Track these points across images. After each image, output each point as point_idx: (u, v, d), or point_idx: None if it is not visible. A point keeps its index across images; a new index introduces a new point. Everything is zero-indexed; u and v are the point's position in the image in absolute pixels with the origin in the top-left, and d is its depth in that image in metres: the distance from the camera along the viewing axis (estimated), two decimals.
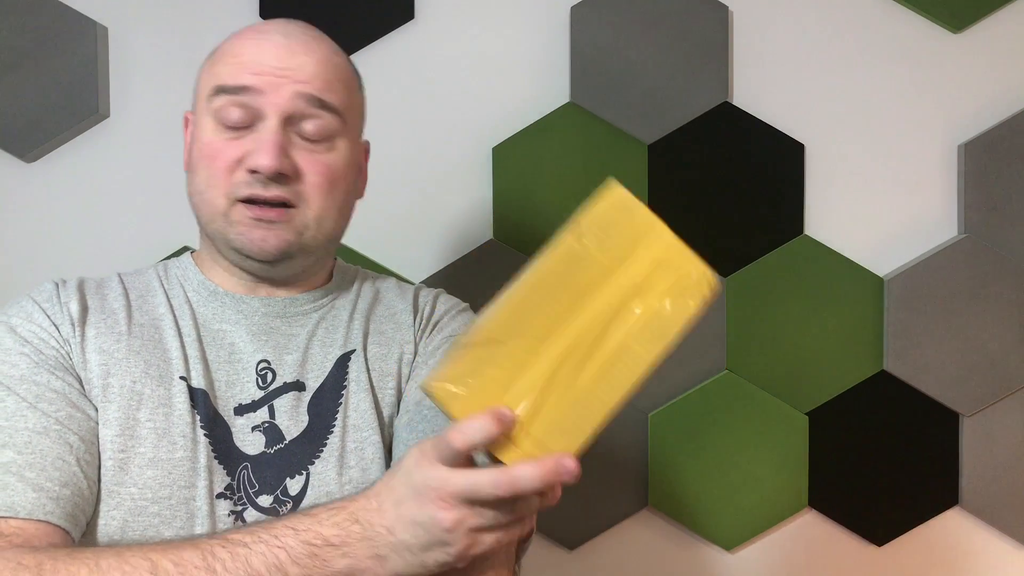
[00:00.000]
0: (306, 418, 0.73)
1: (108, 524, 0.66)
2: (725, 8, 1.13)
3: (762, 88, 1.15)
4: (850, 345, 1.14)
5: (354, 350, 0.77)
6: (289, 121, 0.71)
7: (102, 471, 0.66)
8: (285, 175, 0.70)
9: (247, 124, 0.70)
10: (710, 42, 1.13)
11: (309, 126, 0.71)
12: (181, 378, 0.70)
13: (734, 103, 1.14)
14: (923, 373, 1.13)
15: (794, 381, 1.14)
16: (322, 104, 0.71)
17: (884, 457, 1.14)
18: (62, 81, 1.12)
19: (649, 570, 1.15)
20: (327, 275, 0.82)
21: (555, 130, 1.13)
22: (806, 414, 1.14)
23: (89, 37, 1.12)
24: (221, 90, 0.70)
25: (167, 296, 0.76)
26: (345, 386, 0.75)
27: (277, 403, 0.73)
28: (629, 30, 1.13)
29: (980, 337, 1.13)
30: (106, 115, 1.14)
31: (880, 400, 1.14)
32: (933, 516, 1.14)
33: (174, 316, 0.74)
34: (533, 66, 1.15)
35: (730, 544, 1.14)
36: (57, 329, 0.69)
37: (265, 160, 0.68)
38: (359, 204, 1.14)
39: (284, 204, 0.71)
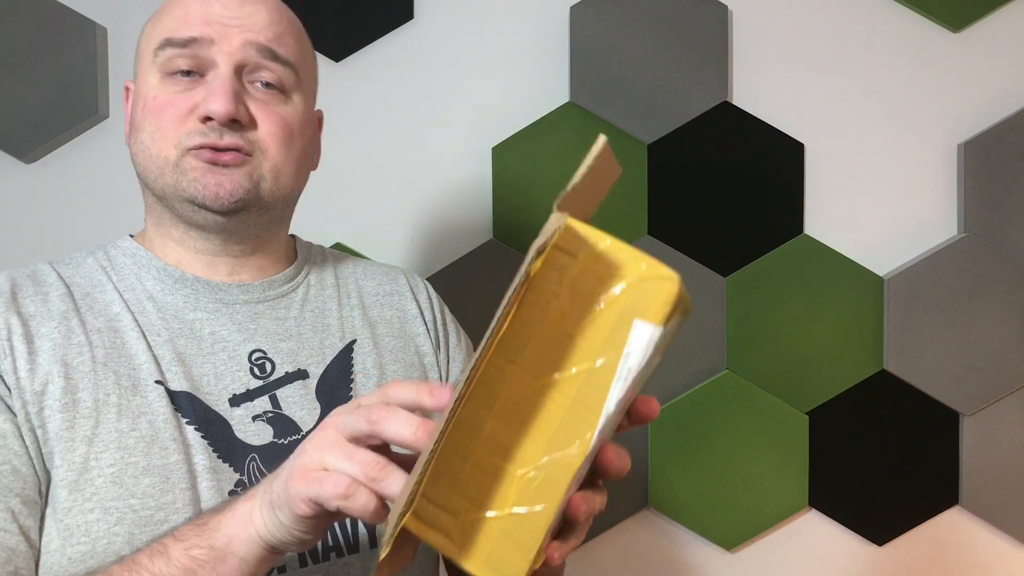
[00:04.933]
0: (317, 405, 0.70)
1: (112, 542, 0.61)
2: (725, 8, 1.13)
3: (762, 88, 1.15)
4: (850, 345, 1.14)
5: (355, 340, 0.75)
6: (241, 70, 0.68)
7: (92, 490, 0.61)
8: (239, 122, 0.67)
9: (197, 75, 0.67)
10: (710, 42, 1.13)
11: (262, 76, 0.69)
12: (157, 382, 0.65)
13: (734, 103, 1.14)
14: (923, 373, 1.13)
15: (794, 381, 1.14)
16: (274, 56, 0.69)
17: (884, 457, 1.14)
18: (62, 81, 1.12)
19: (649, 570, 1.15)
20: (292, 253, 0.79)
21: (555, 130, 1.13)
22: (806, 414, 1.14)
23: (89, 37, 1.12)
24: (168, 43, 0.67)
25: (118, 291, 0.69)
26: (352, 378, 0.72)
27: (281, 393, 0.69)
28: (629, 30, 1.13)
29: (980, 337, 1.13)
30: (105, 115, 1.14)
31: (880, 400, 1.14)
32: (933, 516, 1.14)
33: (132, 314, 0.68)
34: (533, 66, 1.15)
35: (730, 544, 1.14)
36: None
37: (217, 105, 0.65)
38: (358, 203, 1.15)
39: (237, 150, 0.68)
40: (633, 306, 0.43)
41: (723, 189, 1.14)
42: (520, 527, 0.45)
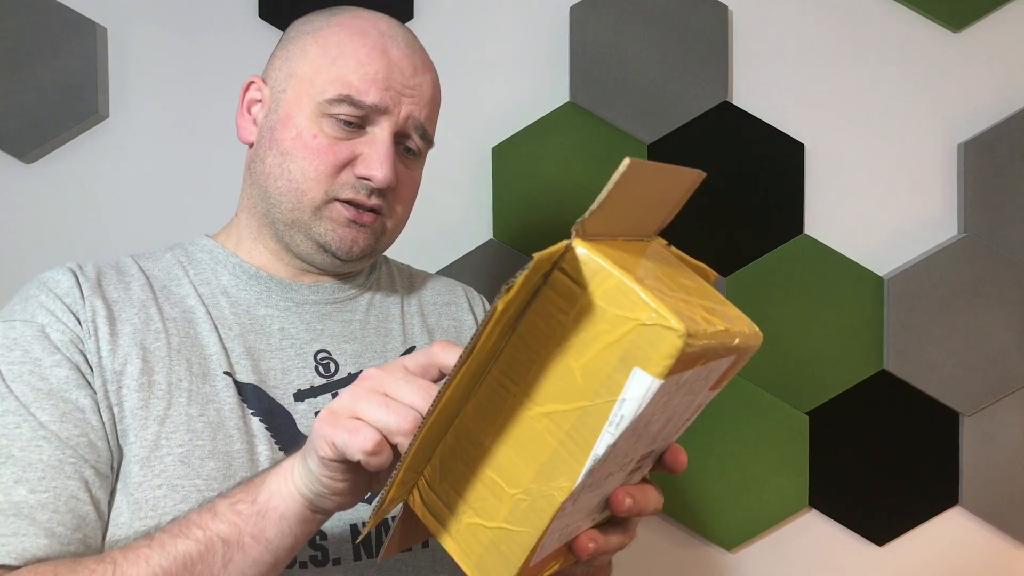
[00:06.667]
0: None
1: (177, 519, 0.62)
2: (725, 8, 1.13)
3: (762, 88, 1.15)
4: (850, 345, 1.14)
5: (414, 346, 0.77)
6: (396, 136, 0.72)
7: (161, 467, 0.63)
8: (390, 188, 0.72)
9: (357, 127, 0.71)
10: (710, 42, 1.13)
11: (409, 144, 0.74)
12: (225, 373, 0.68)
13: (734, 103, 1.14)
14: (923, 373, 1.13)
15: (794, 381, 1.14)
16: (424, 134, 0.74)
17: (884, 457, 1.14)
18: (62, 81, 1.12)
19: (649, 570, 1.15)
20: None
21: (555, 130, 1.13)
22: (806, 414, 1.14)
23: (89, 37, 1.12)
24: (348, 101, 0.69)
25: (193, 285, 0.73)
26: None
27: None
28: (629, 30, 1.13)
29: (980, 337, 1.13)
30: (105, 115, 1.14)
31: (880, 400, 1.14)
32: (933, 516, 1.14)
33: (206, 307, 0.71)
34: (533, 66, 1.15)
35: (730, 544, 1.14)
36: (80, 326, 0.66)
37: (381, 174, 0.69)
38: None
39: (377, 211, 0.72)
40: (635, 352, 0.40)
41: (723, 189, 1.14)
42: (507, 542, 0.46)
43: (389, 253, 0.89)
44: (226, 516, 0.55)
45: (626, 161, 0.40)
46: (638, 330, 0.40)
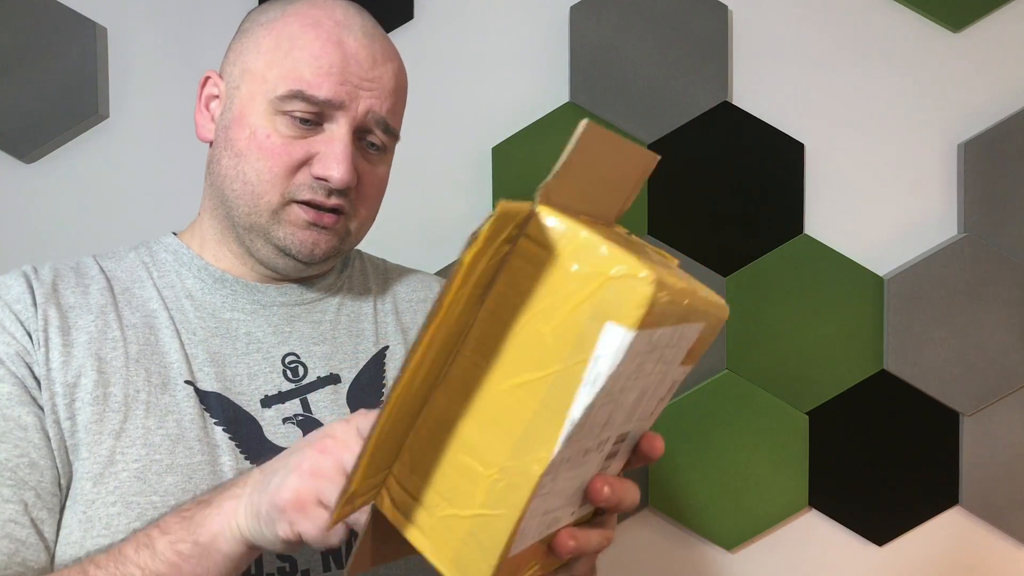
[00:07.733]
0: (347, 410, 0.70)
1: None
2: (725, 8, 1.13)
3: (762, 88, 1.15)
4: (850, 345, 1.14)
5: (387, 346, 0.75)
6: (356, 132, 0.69)
7: (115, 483, 0.61)
8: (351, 187, 0.69)
9: (314, 124, 0.67)
10: (710, 42, 1.13)
11: (371, 139, 0.70)
12: (187, 382, 0.65)
13: (734, 103, 1.14)
14: (923, 373, 1.13)
15: (794, 381, 1.14)
16: (387, 128, 0.70)
17: (884, 457, 1.14)
18: (62, 81, 1.12)
19: (649, 570, 1.15)
20: None
21: (555, 130, 1.13)
22: (806, 414, 1.14)
23: (89, 38, 1.12)
24: (300, 96, 0.65)
25: (157, 288, 0.70)
26: (384, 383, 0.72)
27: (313, 398, 0.69)
28: (629, 30, 1.13)
29: (980, 337, 1.13)
30: (105, 115, 1.14)
31: (880, 400, 1.14)
32: (933, 516, 1.14)
33: (168, 312, 0.69)
34: (533, 66, 1.15)
35: (730, 544, 1.14)
36: (30, 337, 0.63)
37: (338, 174, 0.66)
38: None
39: (337, 211, 0.69)
40: (606, 306, 0.39)
41: (723, 189, 1.14)
42: (485, 529, 0.43)
43: (382, 251, 0.89)
44: (165, 556, 0.54)
45: (584, 122, 0.39)
46: (607, 284, 0.39)
